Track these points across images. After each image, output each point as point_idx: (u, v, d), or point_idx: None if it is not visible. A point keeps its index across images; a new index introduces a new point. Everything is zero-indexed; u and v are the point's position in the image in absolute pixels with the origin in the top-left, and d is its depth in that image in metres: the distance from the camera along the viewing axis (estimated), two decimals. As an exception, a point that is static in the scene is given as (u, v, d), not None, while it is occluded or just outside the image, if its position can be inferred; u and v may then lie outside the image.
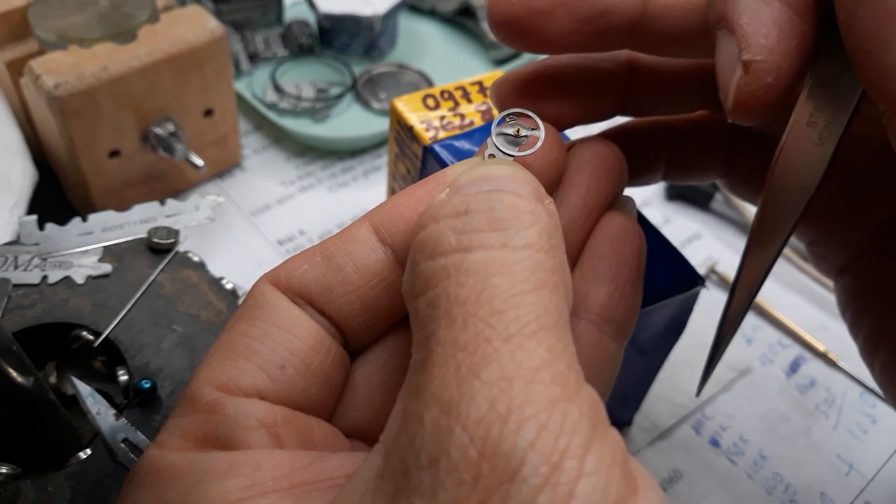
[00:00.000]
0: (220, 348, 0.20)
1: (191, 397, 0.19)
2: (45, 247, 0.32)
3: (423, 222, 0.18)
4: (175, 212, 0.35)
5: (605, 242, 0.22)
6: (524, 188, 0.18)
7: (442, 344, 0.15)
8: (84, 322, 0.30)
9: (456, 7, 0.60)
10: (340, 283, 0.20)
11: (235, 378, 0.19)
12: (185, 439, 0.18)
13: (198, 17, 0.41)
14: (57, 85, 0.36)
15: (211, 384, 0.19)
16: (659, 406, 0.39)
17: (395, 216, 0.20)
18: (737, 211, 0.48)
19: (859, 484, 0.38)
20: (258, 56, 0.54)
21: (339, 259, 0.20)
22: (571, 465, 0.14)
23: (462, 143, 0.32)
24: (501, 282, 0.16)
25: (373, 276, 0.20)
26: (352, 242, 0.20)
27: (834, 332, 0.44)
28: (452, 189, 0.19)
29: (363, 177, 0.50)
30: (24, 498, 0.25)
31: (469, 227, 0.17)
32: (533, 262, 0.16)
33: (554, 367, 0.15)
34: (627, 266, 0.22)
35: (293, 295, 0.20)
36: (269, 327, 0.20)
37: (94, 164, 0.40)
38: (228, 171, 0.49)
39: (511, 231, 0.17)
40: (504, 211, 0.17)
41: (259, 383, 0.19)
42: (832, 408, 0.41)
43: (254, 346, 0.19)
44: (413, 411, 0.15)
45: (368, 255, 0.20)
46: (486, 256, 0.16)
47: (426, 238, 0.17)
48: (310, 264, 0.20)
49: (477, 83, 0.35)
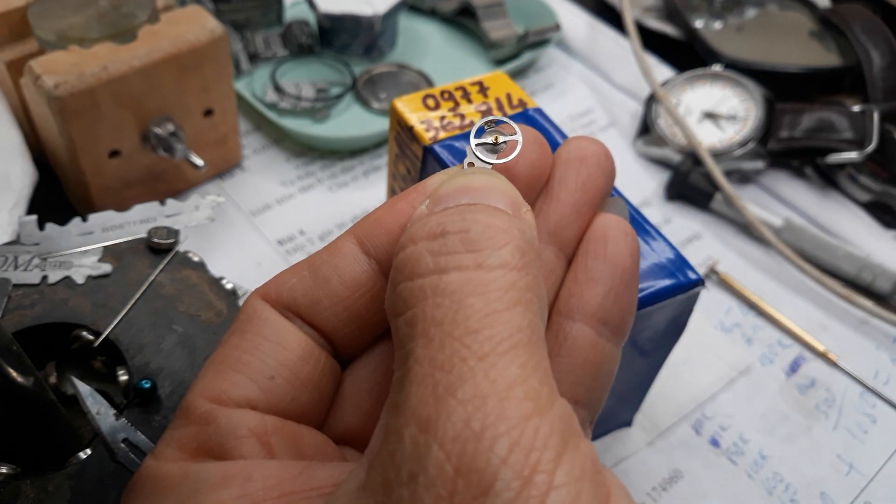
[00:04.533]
0: (213, 362, 0.21)
1: (185, 410, 0.20)
2: (45, 247, 0.32)
3: (402, 243, 0.18)
4: (175, 212, 0.35)
5: (598, 243, 0.22)
6: (501, 199, 0.19)
7: (420, 363, 0.16)
8: (84, 322, 0.30)
9: (456, 7, 0.60)
10: (327, 295, 0.21)
11: (227, 390, 0.20)
12: (180, 450, 0.19)
13: (198, 17, 0.41)
14: (57, 85, 0.36)
15: (204, 396, 0.20)
16: (659, 406, 0.39)
17: (378, 228, 0.21)
18: (737, 211, 0.48)
19: (859, 484, 0.38)
20: (258, 56, 0.54)
21: (325, 272, 0.21)
22: (542, 479, 0.14)
23: (462, 144, 0.32)
24: (476, 302, 0.16)
25: (358, 287, 0.21)
26: (337, 255, 0.21)
27: (834, 332, 0.44)
28: (432, 201, 0.19)
29: (363, 177, 0.50)
30: (24, 498, 0.25)
31: (445, 249, 0.17)
32: (507, 281, 0.17)
33: (527, 384, 0.16)
34: (621, 267, 0.22)
35: (283, 308, 0.21)
36: (259, 340, 0.20)
37: (94, 164, 0.40)
38: (228, 171, 0.49)
39: (486, 252, 0.17)
40: (479, 232, 0.18)
41: (250, 394, 0.20)
42: (832, 408, 0.41)
43: (244, 359, 0.20)
44: (394, 428, 0.16)
45: (353, 267, 0.21)
46: (462, 277, 0.17)
47: (405, 259, 0.18)
48: (297, 278, 0.21)
49: (477, 83, 0.35)
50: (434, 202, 0.19)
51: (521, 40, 0.58)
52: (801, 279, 0.47)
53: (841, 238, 0.49)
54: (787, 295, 0.46)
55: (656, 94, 0.53)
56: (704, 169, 0.49)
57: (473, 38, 0.60)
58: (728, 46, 0.58)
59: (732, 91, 0.53)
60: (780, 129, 0.51)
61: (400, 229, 0.21)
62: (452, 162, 0.31)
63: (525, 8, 0.62)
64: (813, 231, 0.47)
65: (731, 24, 0.61)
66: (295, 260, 0.44)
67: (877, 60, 0.54)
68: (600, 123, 0.57)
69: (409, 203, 0.21)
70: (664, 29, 0.62)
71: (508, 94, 0.35)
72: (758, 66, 0.55)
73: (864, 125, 0.49)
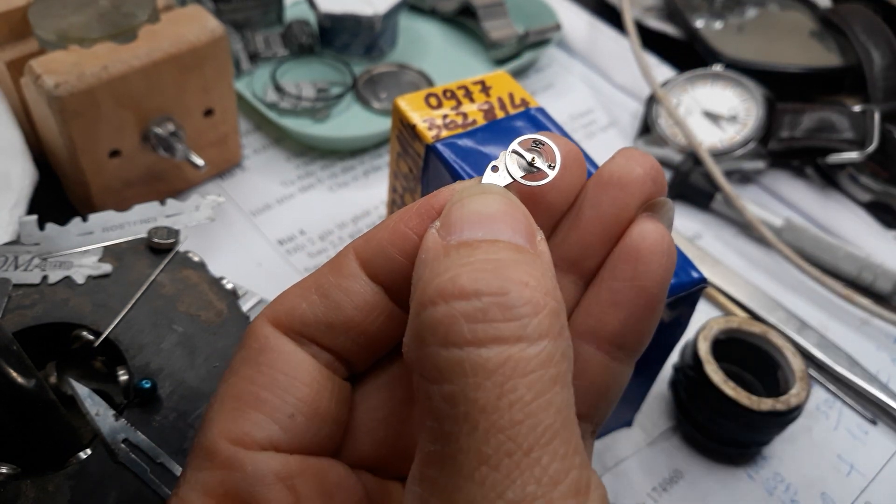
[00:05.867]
0: (228, 396, 0.20)
1: (208, 451, 0.20)
2: (46, 247, 0.32)
3: (428, 295, 0.17)
4: (175, 212, 0.34)
5: (627, 263, 0.20)
6: (518, 231, 0.18)
7: (465, 453, 0.16)
8: (84, 322, 0.30)
9: (456, 7, 0.60)
10: (342, 321, 0.20)
11: (250, 431, 0.19)
12: (206, 495, 0.19)
13: (198, 16, 0.41)
14: (57, 85, 0.36)
15: (226, 438, 0.19)
16: (659, 406, 0.39)
17: (381, 254, 0.20)
18: (737, 211, 0.48)
19: (860, 484, 0.38)
20: (258, 56, 0.54)
21: (336, 296, 0.20)
22: None
23: (465, 142, 0.32)
24: (518, 386, 0.16)
25: (371, 311, 0.21)
26: (343, 276, 0.21)
27: (834, 332, 0.44)
28: (443, 226, 0.18)
29: (363, 176, 0.50)
30: (24, 498, 0.25)
31: (482, 316, 0.16)
32: (546, 355, 0.17)
33: (569, 477, 0.16)
34: (648, 293, 0.20)
35: (295, 334, 0.21)
36: (274, 374, 0.20)
37: (95, 163, 0.40)
38: (229, 170, 0.49)
39: (524, 321, 0.17)
40: (516, 297, 0.17)
41: (273, 435, 0.20)
42: (832, 408, 0.41)
43: (263, 396, 0.20)
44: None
45: (363, 291, 0.20)
46: (502, 354, 0.16)
47: (437, 322, 0.17)
48: (308, 303, 0.21)
49: (479, 82, 0.35)
50: (446, 229, 0.18)
51: (522, 40, 0.58)
52: (801, 279, 0.47)
53: (841, 238, 0.49)
54: (788, 295, 0.46)
55: (656, 94, 0.53)
56: (705, 169, 0.49)
57: (474, 37, 0.60)
58: (728, 46, 0.58)
59: (733, 91, 0.53)
60: (781, 129, 0.51)
61: (403, 255, 0.20)
62: (454, 160, 0.31)
63: (525, 8, 0.61)
64: (813, 231, 0.47)
65: (732, 24, 0.61)
66: (295, 260, 0.44)
67: (877, 60, 0.54)
68: (601, 123, 0.57)
69: (410, 227, 0.20)
70: (664, 29, 0.62)
71: (511, 93, 0.35)
72: (758, 66, 0.55)
73: (865, 125, 0.49)
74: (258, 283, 0.42)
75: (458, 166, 0.31)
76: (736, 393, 0.35)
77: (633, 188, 0.20)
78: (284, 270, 0.44)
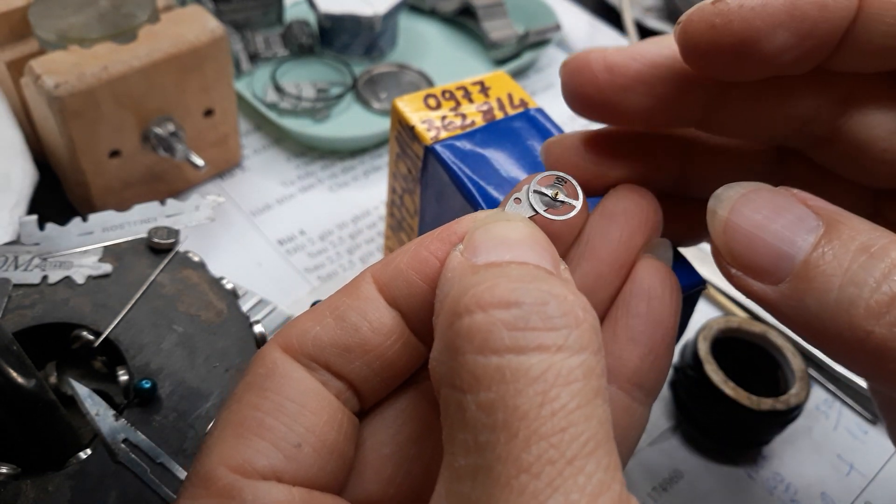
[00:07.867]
0: (231, 422, 0.19)
1: (205, 478, 0.18)
2: (46, 247, 0.32)
3: (464, 305, 0.17)
4: (175, 212, 0.34)
5: (640, 299, 0.21)
6: (545, 258, 0.18)
7: (503, 462, 0.15)
8: (84, 322, 0.30)
9: (456, 7, 0.60)
10: (358, 343, 0.20)
11: (251, 459, 0.18)
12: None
13: (198, 17, 0.41)
14: (57, 85, 0.36)
15: (225, 465, 0.18)
16: (659, 406, 0.39)
17: (400, 279, 0.20)
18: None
19: (860, 484, 0.38)
20: (258, 56, 0.54)
21: (353, 319, 0.20)
22: None
23: (463, 143, 0.32)
24: (561, 394, 0.16)
25: (389, 334, 0.20)
26: (359, 300, 0.20)
27: (834, 332, 0.44)
28: (467, 248, 0.18)
29: (363, 177, 0.50)
30: (25, 498, 0.25)
31: (523, 324, 0.16)
32: (587, 367, 0.16)
33: (611, 490, 0.15)
34: (663, 326, 0.21)
35: (306, 360, 0.20)
36: (281, 400, 0.19)
37: (95, 164, 0.40)
38: (229, 170, 0.49)
39: (565, 332, 0.16)
40: (557, 308, 0.16)
41: (276, 464, 0.18)
42: (832, 408, 0.41)
43: (267, 423, 0.19)
44: None
45: (382, 314, 0.20)
46: (545, 362, 0.16)
47: (474, 329, 0.16)
48: (321, 326, 0.20)
49: (478, 83, 0.35)
50: (472, 251, 0.18)
51: (522, 40, 0.58)
52: (801, 279, 0.47)
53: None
54: (788, 295, 0.46)
55: (657, 94, 0.53)
56: (705, 169, 0.49)
57: (473, 38, 0.60)
58: (728, 46, 0.58)
59: (733, 91, 0.53)
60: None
61: (424, 281, 0.20)
62: (453, 162, 0.31)
63: (525, 8, 0.62)
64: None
65: (732, 25, 0.61)
66: (295, 260, 0.44)
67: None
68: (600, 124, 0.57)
69: (431, 251, 0.20)
70: (664, 29, 0.62)
71: (510, 93, 0.35)
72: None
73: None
74: (258, 283, 0.42)
75: (457, 168, 0.31)
76: (736, 393, 0.35)
77: (638, 217, 0.21)
78: (284, 270, 0.44)
